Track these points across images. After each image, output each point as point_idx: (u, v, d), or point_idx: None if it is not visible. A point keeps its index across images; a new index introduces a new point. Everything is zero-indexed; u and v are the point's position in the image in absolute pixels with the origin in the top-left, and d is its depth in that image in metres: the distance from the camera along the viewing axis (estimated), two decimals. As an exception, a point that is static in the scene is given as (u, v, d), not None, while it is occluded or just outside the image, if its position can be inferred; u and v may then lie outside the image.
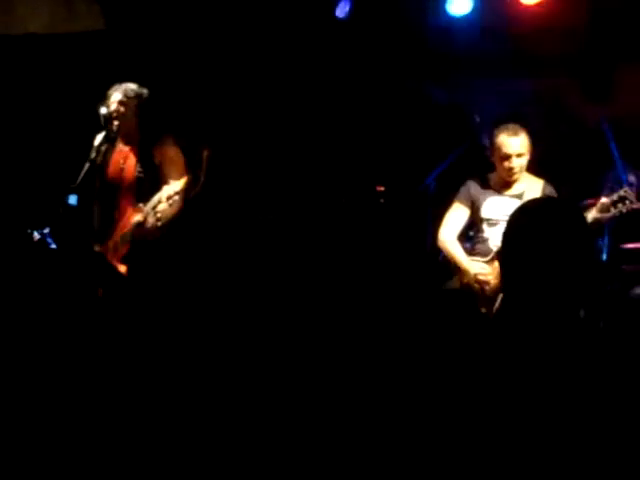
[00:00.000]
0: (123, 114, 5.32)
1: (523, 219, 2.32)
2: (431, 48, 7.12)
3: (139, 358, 2.46)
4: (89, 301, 2.88)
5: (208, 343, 2.52)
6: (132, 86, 5.39)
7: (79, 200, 5.16)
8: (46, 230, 4.93)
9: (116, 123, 5.32)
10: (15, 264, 3.12)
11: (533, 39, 6.62)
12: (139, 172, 5.26)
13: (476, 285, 5.16)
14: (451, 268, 5.38)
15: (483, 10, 6.53)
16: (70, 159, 5.54)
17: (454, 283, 5.30)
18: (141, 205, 5.09)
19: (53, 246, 4.81)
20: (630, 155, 5.56)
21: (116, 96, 5.33)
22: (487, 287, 5.11)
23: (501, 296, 4.89)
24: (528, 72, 7.00)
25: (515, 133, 5.21)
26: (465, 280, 5.23)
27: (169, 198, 4.88)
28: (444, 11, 6.54)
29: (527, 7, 6.36)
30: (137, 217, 5.08)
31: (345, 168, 7.23)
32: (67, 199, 5.06)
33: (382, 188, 7.03)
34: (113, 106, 5.31)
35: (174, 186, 4.94)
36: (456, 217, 5.41)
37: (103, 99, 5.39)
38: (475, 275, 5.18)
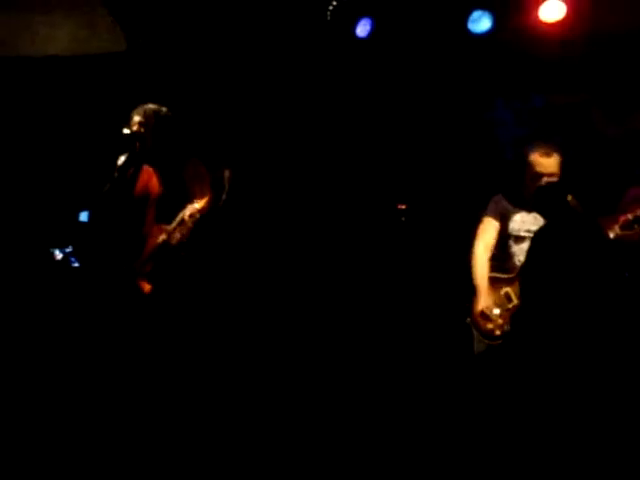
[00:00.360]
0: (143, 134, 5.34)
1: (546, 239, 2.31)
2: (453, 65, 7.13)
3: (161, 374, 2.44)
4: (112, 318, 2.87)
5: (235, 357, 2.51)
6: (151, 106, 5.42)
7: (99, 218, 5.16)
8: (68, 249, 4.95)
9: (138, 144, 5.35)
10: (37, 282, 3.12)
11: (554, 56, 6.61)
12: (163, 191, 5.29)
13: (479, 318, 5.11)
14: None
15: (503, 28, 6.53)
16: (93, 179, 5.57)
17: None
18: (165, 225, 5.14)
19: (75, 265, 4.82)
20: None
21: (137, 117, 5.36)
22: (489, 325, 5.05)
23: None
24: (550, 89, 6.99)
25: (548, 153, 5.20)
26: (478, 308, 5.18)
27: (192, 216, 4.92)
28: (465, 29, 6.53)
29: (548, 24, 6.36)
30: (162, 237, 5.12)
31: (367, 186, 7.23)
32: (78, 216, 5.07)
33: (404, 206, 7.02)
34: (134, 127, 5.35)
35: (196, 204, 4.98)
36: (488, 232, 5.37)
37: (126, 120, 5.42)
38: (483, 309, 5.14)
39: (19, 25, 7.06)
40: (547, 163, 5.16)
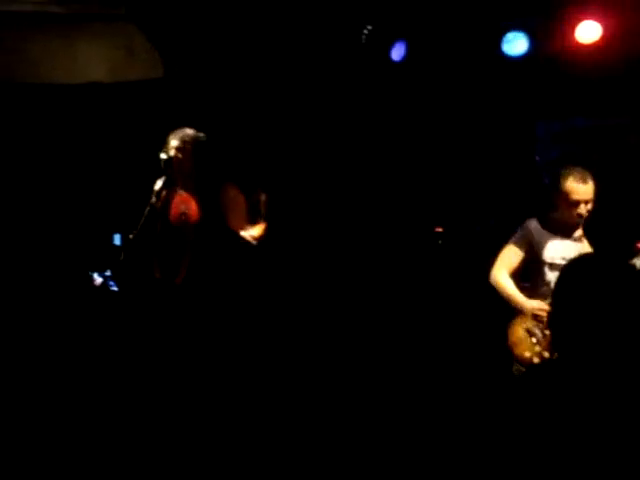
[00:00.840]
0: (181, 159, 5.36)
1: (573, 277, 2.28)
2: (488, 88, 7.13)
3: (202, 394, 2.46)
4: (150, 340, 2.90)
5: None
6: (189, 131, 5.44)
7: (137, 243, 5.19)
8: (107, 273, 4.99)
9: (175, 168, 5.37)
10: (78, 306, 3.15)
11: (591, 78, 6.58)
12: (201, 216, 5.30)
13: (534, 328, 5.01)
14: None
15: (540, 50, 6.52)
16: (132, 204, 5.62)
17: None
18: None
19: (114, 288, 4.86)
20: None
21: (174, 142, 5.38)
22: (527, 353, 4.94)
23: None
24: (587, 111, 6.96)
25: (584, 180, 5.10)
26: (524, 324, 5.08)
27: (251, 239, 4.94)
28: (501, 51, 6.54)
29: (584, 46, 6.34)
30: None
31: (405, 209, 7.23)
32: (112, 239, 5.10)
33: (440, 229, 7.02)
34: (171, 152, 5.37)
35: (252, 232, 4.98)
36: (510, 258, 5.24)
37: (163, 145, 5.46)
38: (532, 310, 5.02)
39: (60, 52, 7.18)
40: (583, 190, 5.07)
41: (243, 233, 5.02)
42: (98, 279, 4.96)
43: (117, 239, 5.13)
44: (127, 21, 7.25)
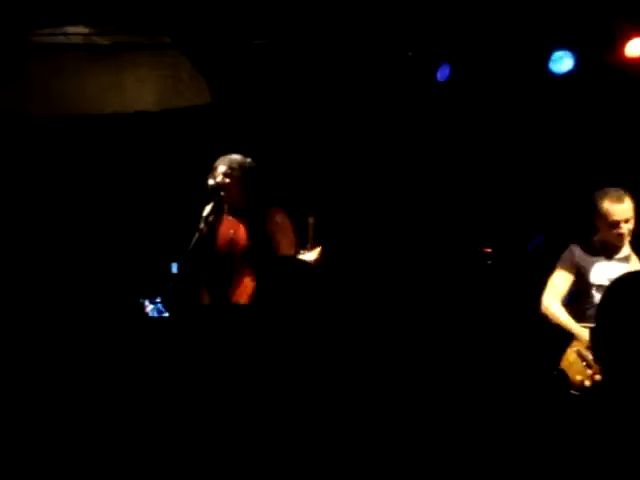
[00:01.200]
0: (228, 185, 5.39)
1: (620, 293, 2.24)
2: (535, 106, 7.08)
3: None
4: (200, 368, 2.91)
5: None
6: (236, 157, 5.47)
7: (186, 269, 5.22)
8: (158, 299, 5.03)
9: (223, 194, 5.40)
10: (129, 333, 3.18)
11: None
12: (250, 242, 5.31)
13: (585, 351, 4.98)
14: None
15: (586, 67, 6.46)
16: (181, 230, 5.66)
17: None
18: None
19: (165, 314, 4.89)
20: None
21: (221, 168, 5.42)
22: (579, 377, 4.91)
23: None
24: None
25: (620, 199, 5.09)
26: (576, 348, 5.05)
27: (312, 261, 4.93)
28: (547, 69, 6.49)
29: (632, 59, 6.26)
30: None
31: (452, 230, 7.19)
32: (170, 268, 5.15)
33: (489, 250, 6.96)
34: (219, 178, 5.40)
35: (308, 256, 4.97)
36: (560, 283, 5.24)
37: (211, 171, 5.50)
38: (578, 350, 5.02)
39: (108, 82, 7.28)
40: (621, 210, 5.06)
41: (307, 257, 5.02)
42: (149, 306, 5.00)
43: (175, 267, 5.17)
44: (172, 49, 7.34)
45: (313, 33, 6.98)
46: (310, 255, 4.98)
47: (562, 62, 6.47)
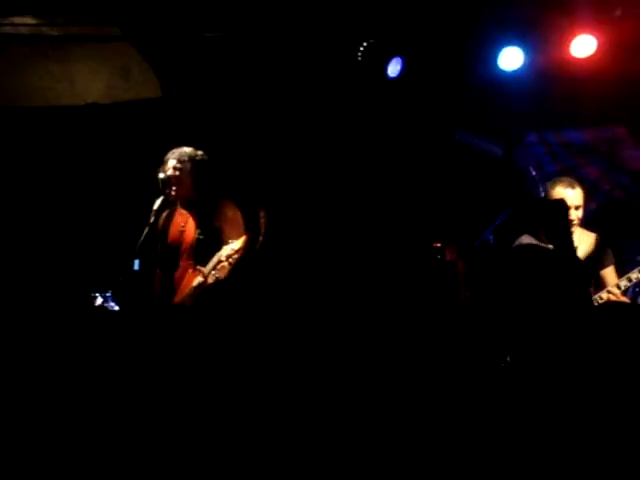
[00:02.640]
0: (179, 178, 5.38)
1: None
2: (485, 103, 7.16)
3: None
4: (155, 361, 2.91)
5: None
6: (187, 150, 5.46)
7: (140, 264, 5.21)
8: (108, 293, 4.99)
9: (174, 188, 5.38)
10: (79, 326, 3.17)
11: (586, 91, 6.61)
12: (199, 234, 5.31)
13: None
14: None
15: (535, 64, 6.54)
16: (130, 224, 5.63)
17: None
18: (201, 267, 5.14)
19: (115, 308, 4.87)
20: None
21: (172, 162, 5.40)
22: None
23: None
24: (583, 123, 7.00)
25: (571, 185, 5.18)
26: None
27: (229, 257, 4.94)
28: (496, 66, 6.56)
29: (578, 60, 6.37)
30: (198, 279, 5.13)
31: (402, 225, 7.24)
32: (132, 265, 5.12)
33: (439, 244, 7.01)
34: (169, 171, 5.38)
35: (234, 245, 5.00)
36: None
37: (161, 164, 5.47)
38: None
39: (58, 74, 7.20)
40: (571, 195, 5.13)
41: (225, 246, 5.04)
42: (99, 299, 4.96)
43: (136, 264, 5.15)
44: (122, 41, 7.27)
45: (264, 26, 6.98)
46: (235, 244, 5.00)
47: (511, 59, 6.54)
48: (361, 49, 6.69)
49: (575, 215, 5.15)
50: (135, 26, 7.21)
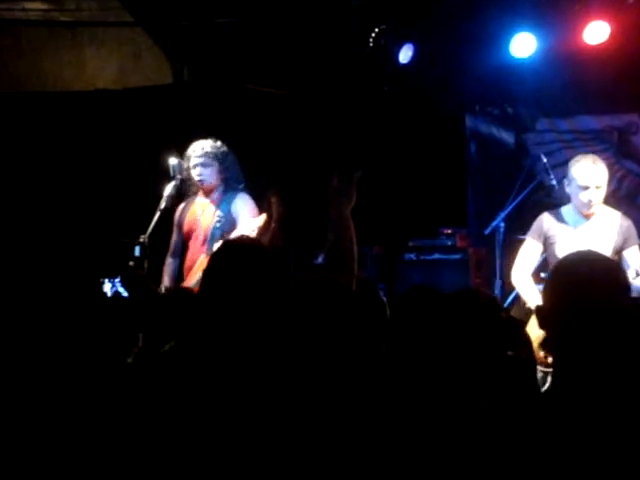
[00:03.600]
0: (209, 174, 5.37)
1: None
2: (497, 89, 7.13)
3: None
4: (161, 349, 2.90)
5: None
6: (211, 144, 5.39)
7: (142, 250, 5.16)
8: (117, 279, 4.99)
9: (204, 184, 5.36)
10: (87, 312, 3.16)
11: (598, 78, 6.58)
12: (217, 221, 5.30)
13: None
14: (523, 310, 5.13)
15: (547, 50, 6.51)
16: (140, 209, 5.64)
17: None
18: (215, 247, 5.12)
19: (125, 295, 4.86)
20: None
21: (200, 159, 5.34)
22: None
23: None
24: (595, 110, 6.97)
25: (594, 162, 4.92)
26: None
27: (251, 230, 4.94)
28: (508, 52, 6.53)
29: (591, 47, 6.32)
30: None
31: (410, 210, 7.25)
32: (133, 251, 5.10)
33: (449, 231, 7.02)
34: (198, 169, 5.33)
35: (256, 221, 4.99)
36: (529, 254, 5.12)
37: (185, 159, 5.41)
38: None
39: (68, 60, 7.21)
40: (593, 173, 4.88)
41: (246, 224, 5.03)
42: (108, 285, 4.97)
43: (137, 250, 5.12)
44: (133, 26, 7.27)
45: (276, 12, 6.96)
46: (257, 220, 4.99)
47: (523, 45, 6.50)
48: (372, 36, 6.66)
49: (594, 195, 4.92)
50: (146, 11, 7.20)
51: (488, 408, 2.30)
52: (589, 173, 4.90)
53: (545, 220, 5.12)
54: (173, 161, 5.39)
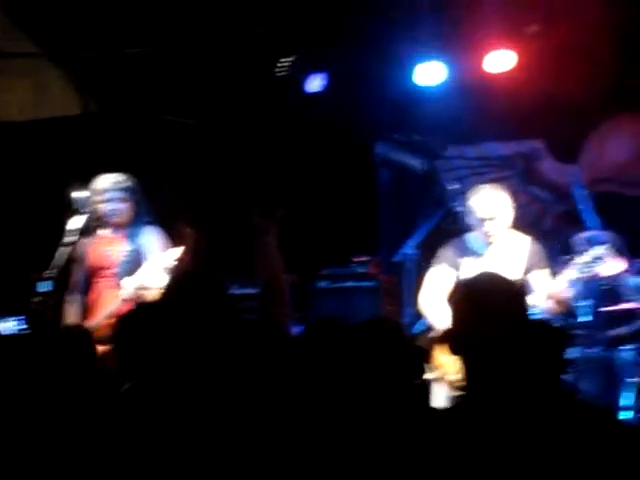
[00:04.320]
0: (120, 209, 5.28)
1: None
2: (405, 117, 7.22)
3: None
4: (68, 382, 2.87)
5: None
6: (122, 179, 5.30)
7: (52, 285, 5.05)
8: (21, 318, 4.88)
9: (111, 219, 5.26)
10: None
11: (504, 106, 6.70)
12: (125, 256, 5.20)
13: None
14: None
15: (453, 79, 6.62)
16: (42, 244, 5.52)
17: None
18: (124, 281, 5.02)
19: (27, 331, 4.75)
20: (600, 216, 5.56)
21: (109, 194, 5.24)
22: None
23: None
24: (501, 137, 7.11)
25: (492, 193, 5.04)
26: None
27: (171, 262, 4.86)
28: (412, 82, 6.63)
29: (496, 75, 6.45)
30: (123, 293, 5.00)
31: (322, 239, 7.26)
32: (38, 287, 4.98)
33: (363, 259, 7.05)
34: (109, 204, 5.23)
35: (173, 253, 4.90)
36: (437, 279, 5.15)
37: (93, 193, 5.29)
38: None
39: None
40: (487, 206, 4.99)
41: (162, 257, 4.96)
42: (8, 323, 4.84)
43: (44, 286, 5.00)
44: (41, 58, 7.16)
45: (185, 42, 6.94)
46: (174, 253, 4.92)
47: (430, 74, 6.60)
48: (278, 65, 6.69)
49: (492, 226, 5.02)
50: (53, 42, 7.10)
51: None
52: (485, 205, 5.02)
53: (451, 248, 5.19)
54: (79, 195, 5.28)
